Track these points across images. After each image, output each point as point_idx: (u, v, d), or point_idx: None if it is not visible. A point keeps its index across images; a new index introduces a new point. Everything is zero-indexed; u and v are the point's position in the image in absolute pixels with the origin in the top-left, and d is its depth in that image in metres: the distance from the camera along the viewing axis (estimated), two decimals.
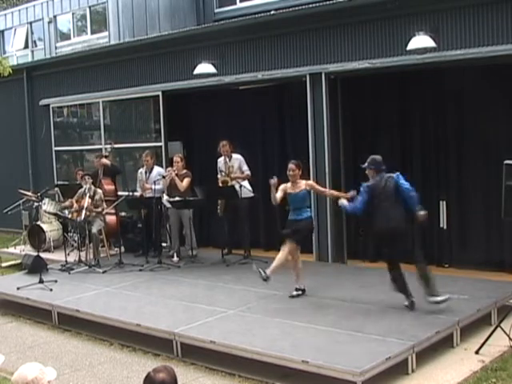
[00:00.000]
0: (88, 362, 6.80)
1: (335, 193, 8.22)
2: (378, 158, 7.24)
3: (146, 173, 10.96)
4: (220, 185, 10.38)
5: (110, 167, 11.56)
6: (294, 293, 7.89)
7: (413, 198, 6.97)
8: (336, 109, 9.80)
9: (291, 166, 7.89)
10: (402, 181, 7.03)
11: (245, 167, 10.36)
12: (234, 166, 10.32)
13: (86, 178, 10.53)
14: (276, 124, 11.17)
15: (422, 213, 6.96)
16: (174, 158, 10.49)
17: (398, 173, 7.11)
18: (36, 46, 20.73)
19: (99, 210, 10.44)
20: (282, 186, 7.92)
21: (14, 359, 6.74)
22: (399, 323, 6.64)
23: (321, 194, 8.40)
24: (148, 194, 10.70)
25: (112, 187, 11.39)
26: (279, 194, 7.83)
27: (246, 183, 10.16)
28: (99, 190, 10.66)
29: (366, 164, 7.21)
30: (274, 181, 7.81)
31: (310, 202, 8.27)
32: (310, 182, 8.29)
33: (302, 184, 7.88)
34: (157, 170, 11.02)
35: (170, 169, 10.47)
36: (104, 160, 11.53)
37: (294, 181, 7.87)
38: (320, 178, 9.57)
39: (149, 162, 10.96)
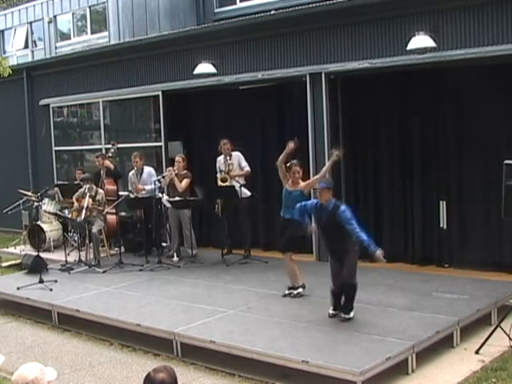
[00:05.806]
0: (88, 362, 6.80)
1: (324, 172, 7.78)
2: None
3: (137, 174, 10.96)
4: (219, 183, 10.37)
5: (113, 170, 11.52)
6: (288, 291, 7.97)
7: None
8: (336, 109, 9.80)
9: (297, 168, 7.83)
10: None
11: (244, 163, 10.37)
12: (233, 163, 10.32)
13: (83, 182, 10.49)
14: (276, 124, 11.16)
15: None
16: (176, 158, 10.48)
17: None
18: (36, 46, 20.72)
19: (100, 208, 10.44)
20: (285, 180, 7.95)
21: (14, 359, 6.74)
22: (399, 323, 6.64)
23: (315, 184, 7.83)
24: (143, 195, 10.70)
25: (114, 187, 11.36)
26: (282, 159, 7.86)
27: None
28: (101, 191, 10.64)
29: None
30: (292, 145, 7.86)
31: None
32: (303, 183, 7.96)
33: (300, 185, 7.87)
34: (147, 170, 11.02)
35: (170, 168, 10.46)
36: (107, 162, 11.49)
37: (296, 182, 7.89)
38: None
39: (138, 163, 10.93)
